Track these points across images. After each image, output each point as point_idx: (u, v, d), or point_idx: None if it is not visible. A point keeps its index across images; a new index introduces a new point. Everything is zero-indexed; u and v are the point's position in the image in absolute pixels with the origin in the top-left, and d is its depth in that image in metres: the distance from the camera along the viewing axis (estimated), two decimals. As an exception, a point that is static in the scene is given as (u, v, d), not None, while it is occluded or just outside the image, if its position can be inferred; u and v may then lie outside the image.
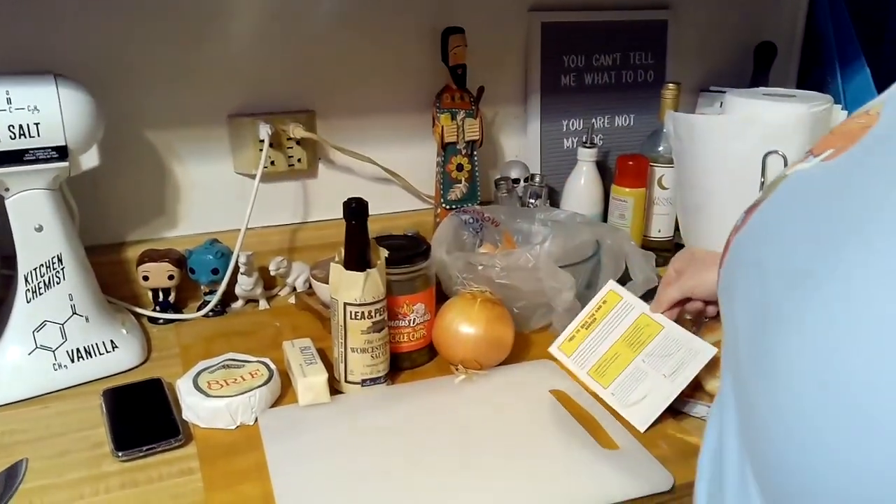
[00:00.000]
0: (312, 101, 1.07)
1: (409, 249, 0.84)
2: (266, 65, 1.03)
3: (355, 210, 0.76)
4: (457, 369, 0.83)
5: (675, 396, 0.75)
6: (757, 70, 1.32)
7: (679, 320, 0.80)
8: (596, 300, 0.86)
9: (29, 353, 0.81)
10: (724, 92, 1.04)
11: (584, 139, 1.19)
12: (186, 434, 0.73)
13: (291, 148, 1.06)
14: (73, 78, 0.80)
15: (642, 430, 0.74)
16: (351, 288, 0.77)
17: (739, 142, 0.97)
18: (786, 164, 0.94)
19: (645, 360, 0.78)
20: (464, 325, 0.82)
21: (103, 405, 0.78)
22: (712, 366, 0.76)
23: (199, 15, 0.98)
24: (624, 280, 0.97)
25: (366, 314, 0.77)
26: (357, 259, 0.77)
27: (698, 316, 0.82)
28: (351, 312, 0.77)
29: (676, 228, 1.16)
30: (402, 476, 0.67)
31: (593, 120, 1.25)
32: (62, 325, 0.83)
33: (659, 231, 1.18)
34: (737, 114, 1.00)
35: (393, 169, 1.13)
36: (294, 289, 1.04)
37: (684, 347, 0.77)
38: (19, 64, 0.83)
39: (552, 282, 0.87)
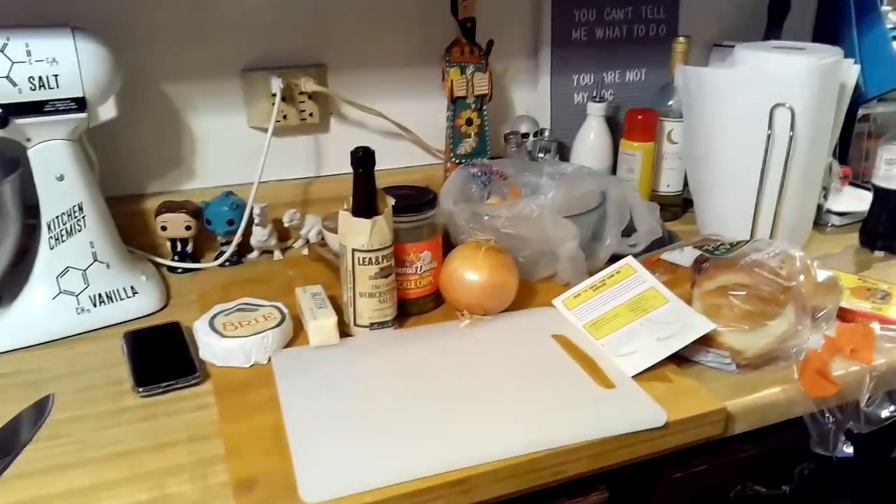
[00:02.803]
0: (324, 55, 1.09)
1: (415, 198, 0.87)
2: (278, 18, 1.05)
3: (362, 158, 0.79)
4: (462, 314, 0.86)
5: (662, 358, 0.76)
6: (770, 23, 1.31)
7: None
8: (610, 269, 0.88)
9: (53, 298, 0.85)
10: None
11: (594, 94, 1.19)
12: (203, 372, 0.77)
13: (303, 102, 1.08)
14: (90, 31, 0.82)
15: (630, 375, 0.75)
16: (359, 234, 0.79)
17: (747, 94, 0.98)
18: (793, 117, 0.95)
19: (642, 323, 0.80)
20: (469, 272, 0.85)
21: (124, 346, 0.81)
22: (731, 319, 0.78)
23: (212, -30, 0.99)
24: (629, 231, 0.99)
25: (373, 260, 0.80)
26: (364, 206, 0.79)
27: (697, 264, 0.84)
28: (359, 258, 0.80)
29: (685, 183, 1.17)
30: (407, 410, 0.70)
31: (604, 74, 1.25)
32: (84, 271, 0.86)
33: (668, 186, 1.19)
34: (745, 67, 1.00)
35: (403, 123, 1.15)
36: (307, 240, 1.07)
37: (683, 320, 0.79)
38: (37, 18, 0.85)
39: (556, 231, 0.89)
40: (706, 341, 0.79)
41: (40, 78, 0.78)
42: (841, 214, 1.18)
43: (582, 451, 0.67)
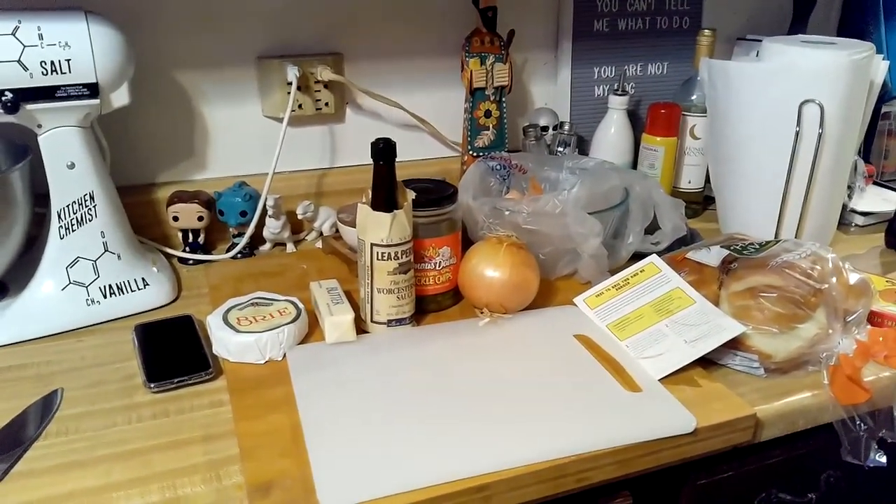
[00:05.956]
0: (340, 43, 1.07)
1: (435, 192, 0.84)
2: (294, 6, 1.02)
3: (383, 150, 0.76)
4: (481, 312, 0.83)
5: (689, 361, 0.74)
6: (796, 18, 1.29)
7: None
8: (633, 268, 0.86)
9: (63, 289, 0.83)
10: (762, 40, 1.01)
11: (615, 87, 1.17)
12: (216, 368, 0.75)
13: (319, 91, 1.05)
14: (103, 16, 0.80)
15: (657, 378, 0.73)
16: (378, 228, 0.77)
17: (775, 90, 0.95)
18: (822, 114, 0.92)
19: (668, 325, 0.78)
20: (489, 269, 0.82)
21: (135, 339, 0.79)
22: (760, 321, 0.76)
23: (228, -46, 0.97)
24: (652, 228, 0.96)
25: (392, 255, 0.78)
26: (384, 200, 0.77)
27: (725, 264, 0.81)
28: (377, 253, 0.78)
29: (707, 180, 1.14)
30: (425, 409, 0.68)
31: (626, 67, 1.23)
32: (94, 261, 0.84)
33: (689, 182, 1.17)
34: (773, 61, 0.97)
35: (420, 114, 1.12)
36: (321, 233, 1.05)
37: (712, 322, 0.76)
38: (50, 0, 0.83)
39: (579, 228, 0.87)
40: (734, 344, 0.76)
41: (52, 62, 0.76)
42: (865, 214, 1.15)
43: (608, 458, 0.65)
